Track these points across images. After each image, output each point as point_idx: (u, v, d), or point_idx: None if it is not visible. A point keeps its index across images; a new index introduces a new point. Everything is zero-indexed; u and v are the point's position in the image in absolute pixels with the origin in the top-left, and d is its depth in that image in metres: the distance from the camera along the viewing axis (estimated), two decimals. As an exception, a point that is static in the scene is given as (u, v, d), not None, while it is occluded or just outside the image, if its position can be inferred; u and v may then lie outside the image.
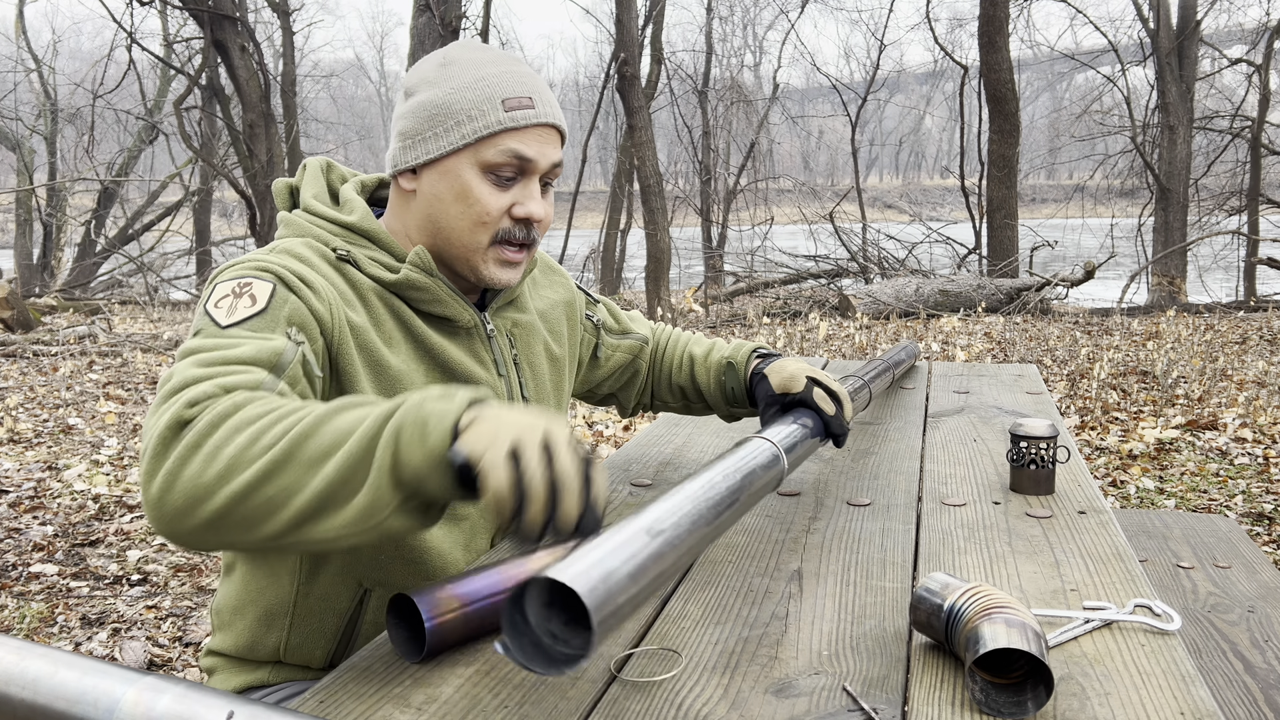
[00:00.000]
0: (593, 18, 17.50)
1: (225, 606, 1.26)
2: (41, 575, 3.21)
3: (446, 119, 1.17)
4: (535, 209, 1.20)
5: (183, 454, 0.88)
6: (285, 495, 0.85)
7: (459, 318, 1.24)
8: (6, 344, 8.07)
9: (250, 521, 0.86)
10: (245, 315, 1.05)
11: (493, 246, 1.21)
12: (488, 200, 1.18)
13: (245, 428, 0.88)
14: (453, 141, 1.17)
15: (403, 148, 1.21)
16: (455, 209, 1.19)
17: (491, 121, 1.16)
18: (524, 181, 1.20)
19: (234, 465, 0.86)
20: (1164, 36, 14.28)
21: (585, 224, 19.65)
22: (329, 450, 0.86)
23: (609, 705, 0.87)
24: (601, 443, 4.79)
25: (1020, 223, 12.22)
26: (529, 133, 1.18)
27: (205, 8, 11.01)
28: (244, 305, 1.06)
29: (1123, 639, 0.99)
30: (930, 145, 50.38)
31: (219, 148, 14.61)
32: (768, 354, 1.53)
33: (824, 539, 1.30)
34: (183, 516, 0.87)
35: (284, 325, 1.06)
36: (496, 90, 1.17)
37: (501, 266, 1.23)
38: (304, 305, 1.09)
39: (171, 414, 0.91)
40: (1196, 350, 7.21)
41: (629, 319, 1.60)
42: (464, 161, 1.17)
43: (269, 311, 1.06)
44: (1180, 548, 2.34)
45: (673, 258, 13.02)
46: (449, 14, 9.62)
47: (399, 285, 1.19)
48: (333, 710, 0.87)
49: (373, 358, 1.16)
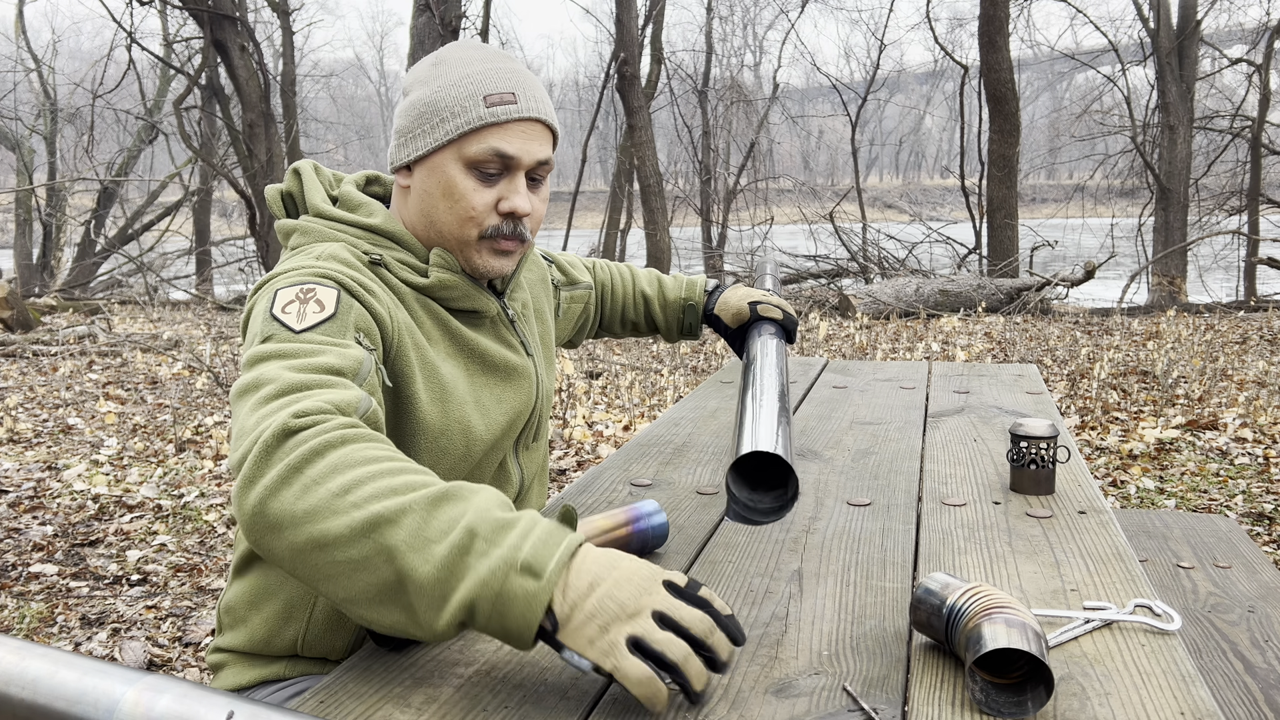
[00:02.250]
0: (593, 18, 17.53)
1: (239, 603, 1.25)
2: (41, 575, 3.21)
3: (433, 116, 1.19)
4: (520, 203, 1.20)
5: (284, 473, 0.87)
6: (348, 570, 0.84)
7: (486, 309, 1.27)
8: (6, 344, 8.07)
9: (314, 569, 0.86)
10: (316, 320, 1.05)
11: (482, 241, 1.22)
12: (472, 197, 1.20)
13: (344, 470, 0.87)
14: (438, 138, 1.19)
15: (398, 145, 1.23)
16: (444, 205, 1.21)
17: (473, 117, 1.17)
18: (509, 177, 1.21)
19: (321, 509, 0.85)
20: (1164, 36, 14.28)
21: (585, 224, 19.65)
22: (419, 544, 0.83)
23: (609, 705, 0.87)
24: (601, 443, 4.79)
25: (1020, 223, 12.22)
26: (511, 128, 1.19)
27: (205, 8, 11.01)
28: (313, 311, 1.06)
29: (1123, 639, 0.99)
30: (930, 145, 50.37)
31: (219, 148, 14.61)
32: (715, 289, 1.77)
33: (824, 539, 1.30)
34: (271, 534, 0.87)
35: (353, 331, 1.07)
36: (480, 86, 1.18)
37: (495, 256, 1.24)
38: (367, 311, 1.10)
39: (280, 421, 0.90)
40: (1197, 350, 7.21)
41: (571, 267, 1.65)
42: (449, 158, 1.19)
43: (338, 317, 1.06)
44: (1180, 548, 2.34)
45: (673, 258, 13.02)
46: (449, 14, 9.62)
47: (431, 289, 1.21)
48: (333, 710, 0.87)
49: (424, 358, 1.18)
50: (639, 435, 1.87)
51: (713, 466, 1.66)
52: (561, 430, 5.02)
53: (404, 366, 1.14)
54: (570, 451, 4.66)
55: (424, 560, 0.82)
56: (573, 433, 4.92)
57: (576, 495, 1.50)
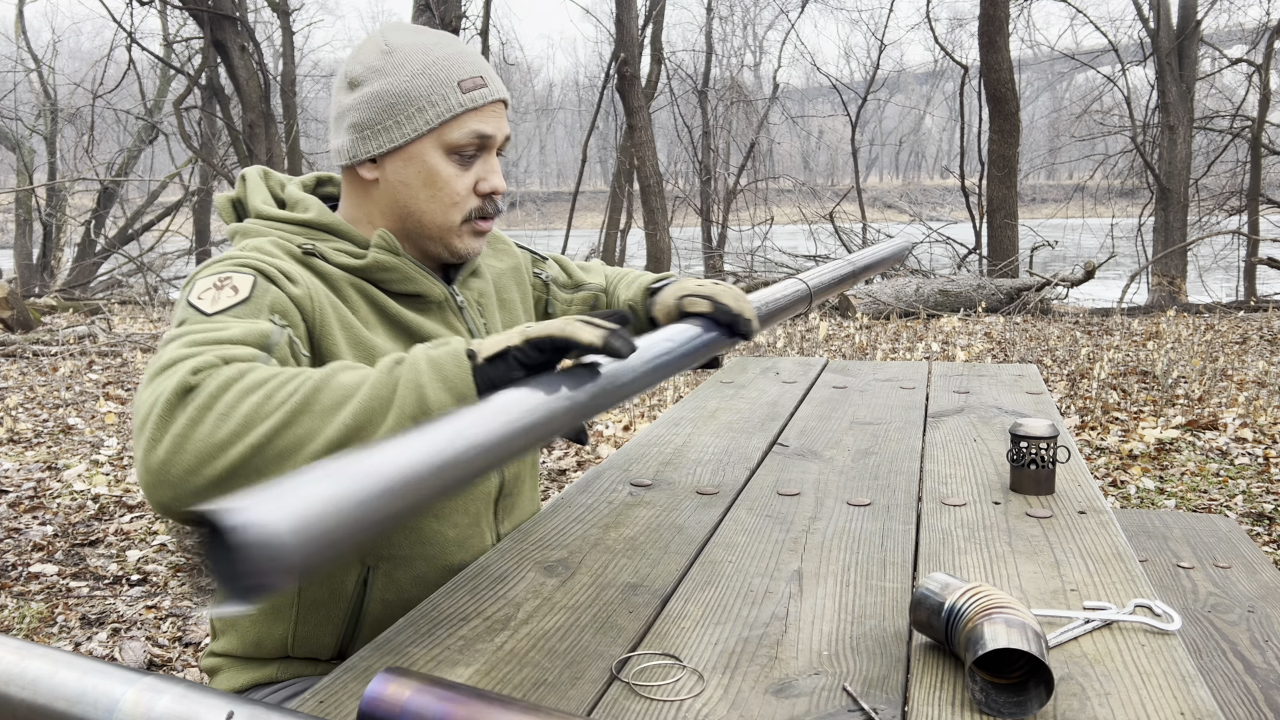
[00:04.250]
0: (593, 18, 17.55)
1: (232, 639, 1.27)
2: (41, 575, 3.21)
3: (407, 106, 1.19)
4: (498, 181, 1.25)
5: (193, 415, 0.89)
6: (301, 441, 0.88)
7: (430, 293, 1.27)
8: (6, 344, 8.07)
9: (265, 469, 0.88)
10: (229, 304, 1.07)
11: (465, 224, 1.25)
12: (455, 182, 1.23)
13: (255, 390, 0.90)
14: (417, 128, 1.20)
15: (360, 138, 1.22)
16: (424, 193, 1.22)
17: (453, 104, 1.20)
18: (484, 157, 1.25)
19: (249, 422, 0.88)
20: (1164, 36, 14.28)
21: (585, 224, 19.65)
22: (342, 399, 0.90)
23: (609, 705, 0.87)
24: (601, 443, 4.79)
25: (1020, 223, 12.22)
26: (485, 111, 1.23)
27: (205, 8, 11.01)
28: (227, 295, 1.08)
29: (1123, 639, 0.99)
30: (930, 145, 50.37)
31: (219, 148, 14.61)
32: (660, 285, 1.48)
33: (824, 539, 1.30)
34: (190, 475, 0.88)
35: (267, 312, 1.08)
36: (451, 73, 1.20)
37: (475, 238, 1.28)
38: (284, 294, 1.11)
39: (176, 380, 0.91)
40: (1196, 350, 7.21)
41: (583, 271, 1.61)
42: (428, 146, 1.21)
43: (252, 300, 1.08)
44: (1180, 548, 2.34)
45: (673, 258, 13.02)
46: (449, 13, 9.62)
47: (368, 269, 1.22)
48: (333, 710, 0.87)
49: (355, 336, 1.18)
50: (639, 435, 1.87)
51: (713, 467, 1.66)
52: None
53: (330, 345, 1.15)
54: (570, 451, 4.67)
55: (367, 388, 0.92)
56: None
57: (576, 495, 1.50)
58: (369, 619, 1.22)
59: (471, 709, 0.73)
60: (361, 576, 1.21)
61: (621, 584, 1.15)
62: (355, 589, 1.21)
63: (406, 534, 1.23)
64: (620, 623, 1.05)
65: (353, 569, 1.21)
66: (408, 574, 1.23)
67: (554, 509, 1.43)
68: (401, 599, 1.22)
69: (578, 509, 1.43)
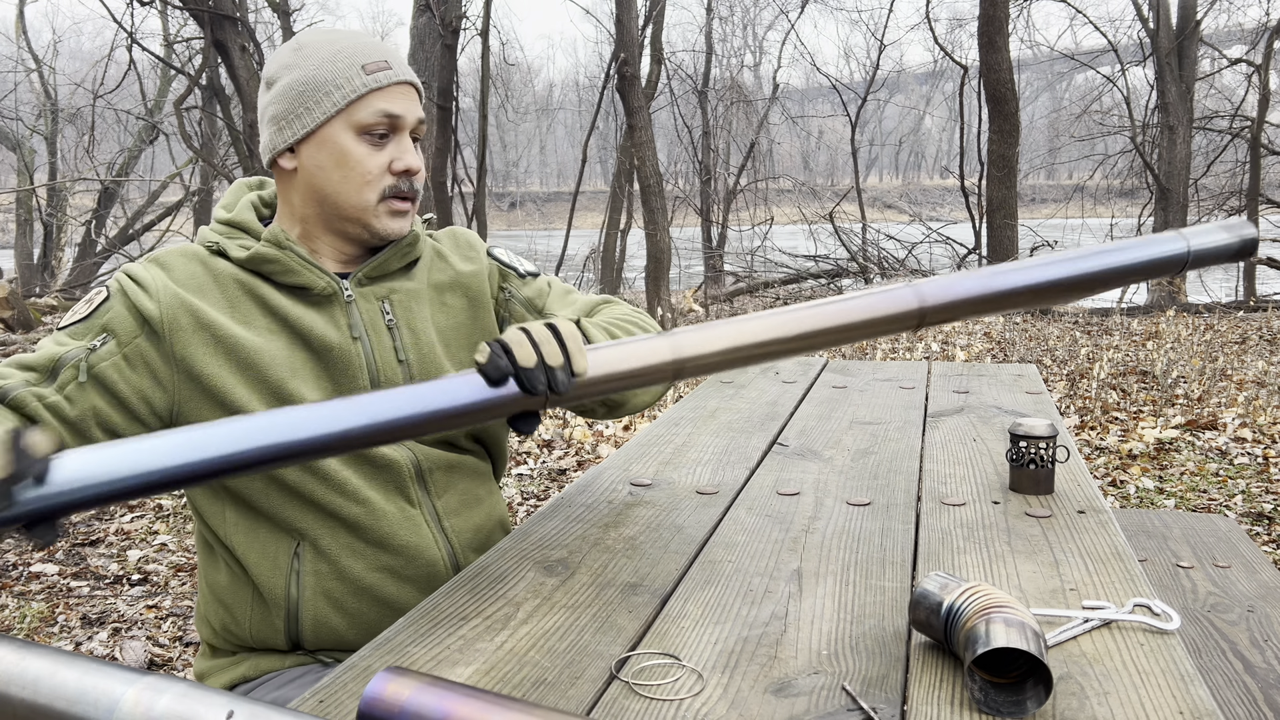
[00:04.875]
0: (593, 18, 17.51)
1: (199, 617, 1.36)
2: (41, 575, 3.21)
3: (315, 92, 1.25)
4: (413, 161, 1.28)
5: None
6: None
7: (314, 285, 1.28)
8: (6, 344, 8.07)
9: None
10: (72, 320, 1.22)
11: (382, 202, 1.28)
12: (366, 161, 1.26)
13: None
14: (325, 111, 1.24)
15: (276, 130, 1.28)
16: (338, 174, 1.26)
17: (357, 85, 1.25)
18: (396, 138, 1.28)
19: None
20: (1164, 36, 14.28)
21: (585, 224, 19.64)
22: None
23: (608, 705, 0.87)
24: (602, 443, 4.79)
25: (1020, 223, 12.21)
26: (391, 91, 1.27)
27: (205, 8, 11.01)
28: (80, 309, 1.23)
29: (1122, 639, 0.99)
30: (930, 145, 50.36)
31: (219, 148, 14.59)
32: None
33: (824, 539, 1.30)
34: None
35: (95, 332, 1.20)
36: (355, 59, 1.26)
37: (393, 217, 1.30)
38: (132, 311, 1.21)
39: None
40: (1196, 350, 7.20)
41: (558, 301, 1.47)
42: (338, 128, 1.25)
43: (89, 319, 1.21)
44: (1180, 547, 2.34)
45: (673, 258, 13.01)
46: (449, 14, 9.62)
47: (253, 261, 1.27)
48: (333, 710, 0.87)
49: (218, 335, 1.23)
50: (639, 435, 1.87)
51: (713, 466, 1.66)
52: (562, 430, 5.02)
53: (182, 350, 1.21)
54: (570, 451, 4.67)
55: None
56: (573, 432, 4.92)
57: (576, 495, 1.50)
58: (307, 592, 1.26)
59: (471, 708, 0.73)
60: (293, 549, 1.26)
61: (621, 584, 1.15)
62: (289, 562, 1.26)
63: (314, 510, 1.25)
64: (620, 622, 1.05)
65: (283, 542, 1.26)
66: (334, 543, 1.26)
67: (554, 509, 1.43)
68: (334, 569, 1.26)
69: (578, 509, 1.43)
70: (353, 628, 1.28)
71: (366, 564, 1.27)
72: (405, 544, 1.28)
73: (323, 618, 1.27)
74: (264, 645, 1.29)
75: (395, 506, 1.29)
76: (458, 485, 1.36)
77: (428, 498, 1.32)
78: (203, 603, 1.35)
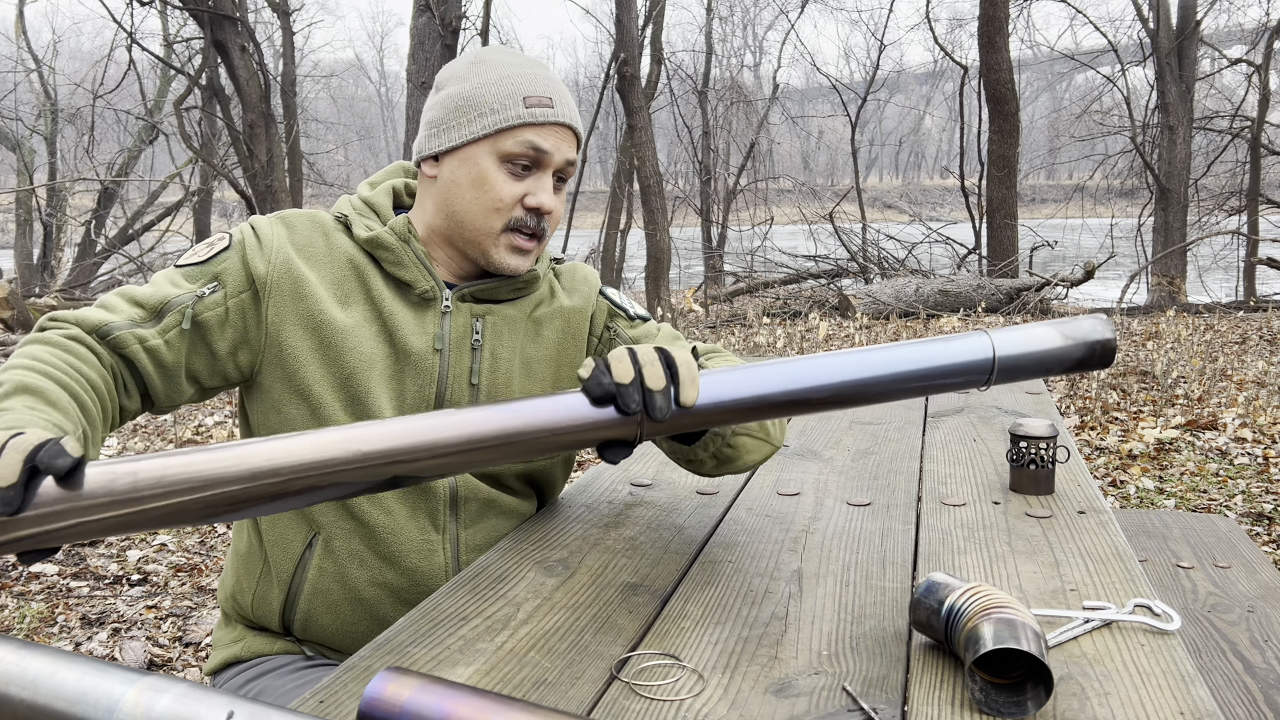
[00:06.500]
0: (593, 18, 17.50)
1: (221, 580, 1.39)
2: (41, 575, 3.21)
3: (470, 110, 1.25)
4: (546, 199, 1.27)
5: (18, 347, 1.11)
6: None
7: (417, 284, 1.29)
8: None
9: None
10: (191, 261, 1.24)
11: (505, 233, 1.27)
12: (502, 188, 1.25)
13: (23, 354, 1.08)
14: (474, 131, 1.25)
15: (428, 135, 1.29)
16: (470, 194, 1.26)
17: (512, 115, 1.24)
18: (538, 174, 1.27)
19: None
20: (1164, 36, 14.28)
21: (585, 224, 19.65)
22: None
23: (608, 705, 0.87)
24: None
25: (1020, 223, 12.22)
26: (546, 129, 1.26)
27: (205, 8, 11.01)
28: (201, 250, 1.25)
29: (1122, 639, 0.99)
30: (930, 145, 50.37)
31: (219, 148, 14.60)
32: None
33: (824, 539, 1.30)
34: None
35: (206, 278, 1.22)
36: (520, 88, 1.25)
37: (512, 253, 1.28)
38: (241, 263, 1.23)
39: (44, 319, 1.15)
40: (1196, 350, 7.21)
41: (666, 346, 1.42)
42: (483, 150, 1.25)
43: (208, 264, 1.23)
44: (1180, 548, 2.34)
45: (673, 258, 13.02)
46: (449, 14, 9.62)
47: (370, 243, 1.28)
48: (333, 710, 0.87)
49: (312, 309, 1.24)
50: (639, 435, 1.87)
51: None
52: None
53: (280, 316, 1.23)
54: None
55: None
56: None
57: (577, 495, 1.50)
58: (308, 585, 1.27)
59: (471, 709, 0.73)
60: (308, 539, 1.27)
61: (621, 584, 1.15)
62: (301, 551, 1.27)
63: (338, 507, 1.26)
64: (620, 622, 1.05)
65: (301, 529, 1.27)
66: (345, 548, 1.26)
67: (554, 509, 1.43)
68: (339, 572, 1.26)
69: (578, 509, 1.43)
70: (340, 632, 1.28)
71: (370, 576, 1.26)
72: (414, 567, 1.27)
73: (314, 614, 1.27)
74: (260, 623, 1.31)
75: (417, 526, 1.28)
76: (489, 521, 1.34)
77: (455, 526, 1.30)
78: (227, 565, 1.38)
